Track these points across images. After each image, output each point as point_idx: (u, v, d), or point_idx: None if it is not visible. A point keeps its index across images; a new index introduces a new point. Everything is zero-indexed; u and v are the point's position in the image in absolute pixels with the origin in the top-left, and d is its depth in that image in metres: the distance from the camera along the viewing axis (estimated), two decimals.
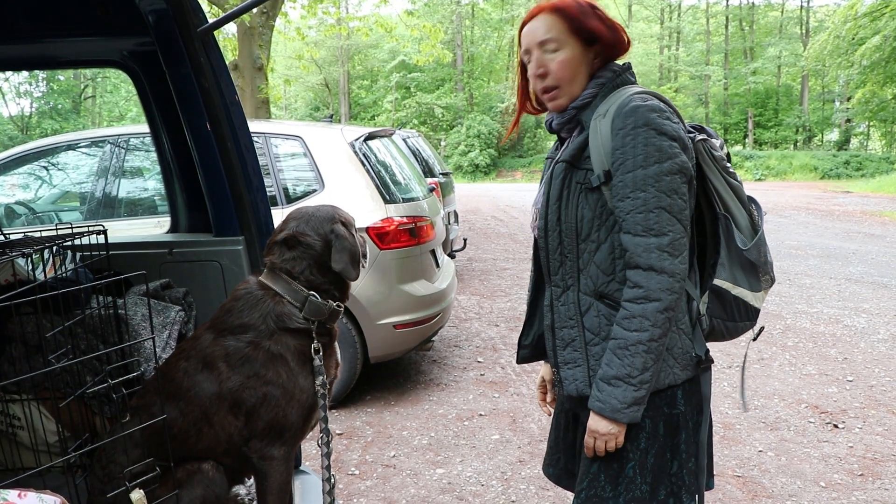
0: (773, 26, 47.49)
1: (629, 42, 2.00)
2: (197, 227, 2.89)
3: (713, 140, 2.00)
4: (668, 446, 1.96)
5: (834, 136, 44.34)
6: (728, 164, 2.01)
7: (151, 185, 6.09)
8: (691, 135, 1.95)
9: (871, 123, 40.75)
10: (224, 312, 2.21)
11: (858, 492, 3.91)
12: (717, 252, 2.00)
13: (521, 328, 2.31)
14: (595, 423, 1.89)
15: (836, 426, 4.80)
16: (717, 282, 1.98)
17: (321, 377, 2.13)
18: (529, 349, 2.30)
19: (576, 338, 1.97)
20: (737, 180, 2.01)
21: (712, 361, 2.00)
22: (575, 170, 1.94)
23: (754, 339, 2.12)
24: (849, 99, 38.90)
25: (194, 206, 2.85)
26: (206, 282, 2.55)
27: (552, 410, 2.41)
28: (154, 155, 5.77)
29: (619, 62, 2.02)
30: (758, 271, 2.00)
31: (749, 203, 2.03)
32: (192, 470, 2.15)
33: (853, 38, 29.39)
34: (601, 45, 1.95)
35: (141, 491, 1.94)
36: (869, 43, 27.82)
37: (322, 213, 2.22)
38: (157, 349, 2.25)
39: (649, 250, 1.80)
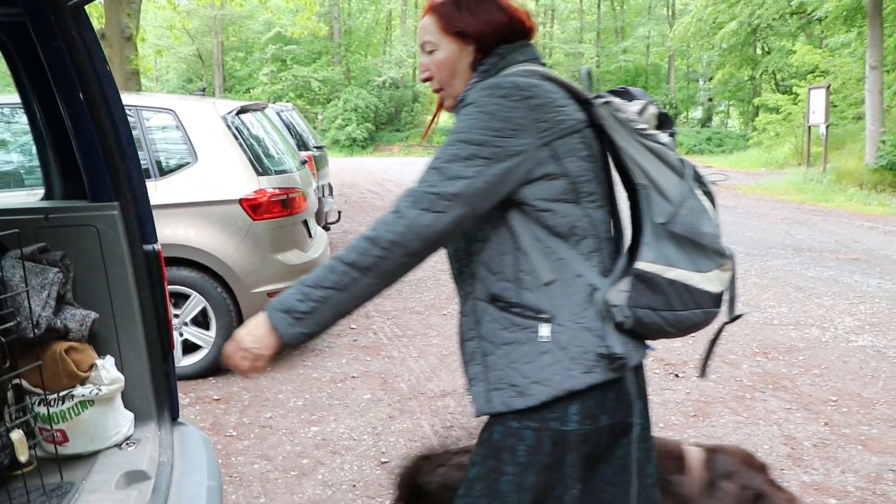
0: (643, 7, 49.09)
1: (526, 25, 1.82)
2: (71, 194, 2.95)
3: (618, 102, 1.69)
4: (553, 467, 1.68)
5: (698, 113, 46.29)
6: (644, 126, 1.67)
7: (16, 157, 5.97)
8: (599, 99, 1.72)
9: (731, 103, 42.98)
10: None
11: (690, 430, 4.39)
12: (641, 230, 1.70)
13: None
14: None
15: (676, 376, 5.32)
16: (640, 265, 1.64)
17: None
18: None
19: (476, 350, 1.76)
20: (659, 142, 1.67)
21: (624, 358, 1.64)
22: None
23: (729, 322, 1.75)
24: (711, 79, 40.88)
25: (68, 175, 2.91)
26: (83, 246, 2.64)
27: None
28: (18, 126, 5.71)
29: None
30: (703, 246, 1.63)
31: (682, 166, 1.68)
32: None
33: (714, 22, 30.84)
34: (473, 39, 1.78)
35: (20, 431, 2.08)
36: (727, 27, 29.20)
37: None
38: (36, 308, 2.36)
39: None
